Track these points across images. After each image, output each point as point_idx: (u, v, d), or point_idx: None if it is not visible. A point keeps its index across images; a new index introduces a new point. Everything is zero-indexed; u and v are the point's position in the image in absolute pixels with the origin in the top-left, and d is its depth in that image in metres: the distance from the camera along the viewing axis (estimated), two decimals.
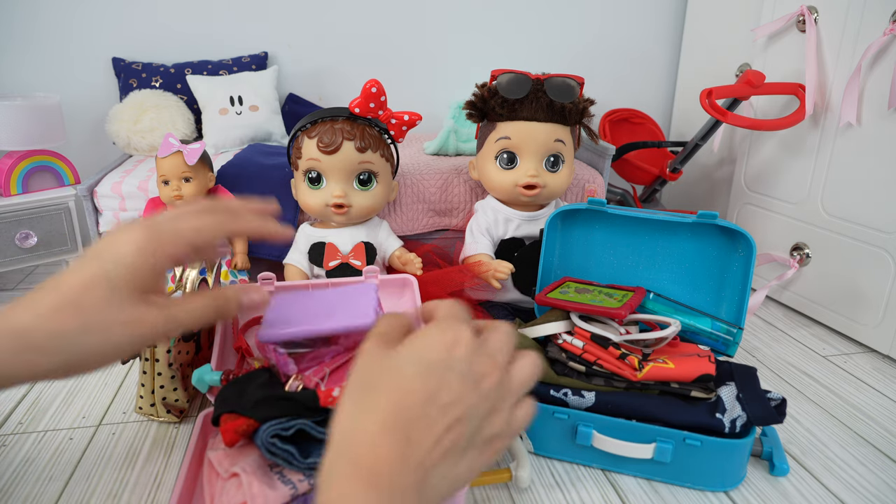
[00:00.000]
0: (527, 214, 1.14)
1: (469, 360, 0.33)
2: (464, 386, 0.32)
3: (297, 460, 0.64)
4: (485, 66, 1.24)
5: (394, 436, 0.30)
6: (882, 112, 1.10)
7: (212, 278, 0.94)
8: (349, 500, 0.29)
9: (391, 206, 1.23)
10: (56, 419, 0.91)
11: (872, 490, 0.78)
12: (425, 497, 0.30)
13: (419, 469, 0.30)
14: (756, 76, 1.22)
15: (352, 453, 0.30)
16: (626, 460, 0.78)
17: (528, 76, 1.06)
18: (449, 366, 0.33)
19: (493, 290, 1.12)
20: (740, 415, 0.77)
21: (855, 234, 1.17)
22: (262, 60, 1.62)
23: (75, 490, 0.77)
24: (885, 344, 1.12)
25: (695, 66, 1.79)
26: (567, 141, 1.10)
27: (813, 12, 1.23)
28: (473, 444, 0.33)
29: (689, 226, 0.96)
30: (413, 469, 0.30)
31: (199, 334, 0.92)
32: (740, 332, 0.88)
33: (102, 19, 1.54)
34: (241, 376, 0.77)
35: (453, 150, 1.40)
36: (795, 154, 1.30)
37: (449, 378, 0.32)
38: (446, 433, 0.31)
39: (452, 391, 0.32)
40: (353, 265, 1.08)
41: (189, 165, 1.06)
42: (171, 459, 0.82)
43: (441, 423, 0.31)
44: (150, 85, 1.48)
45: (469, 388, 0.33)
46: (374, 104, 1.01)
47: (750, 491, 0.77)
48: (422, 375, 0.32)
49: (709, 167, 1.71)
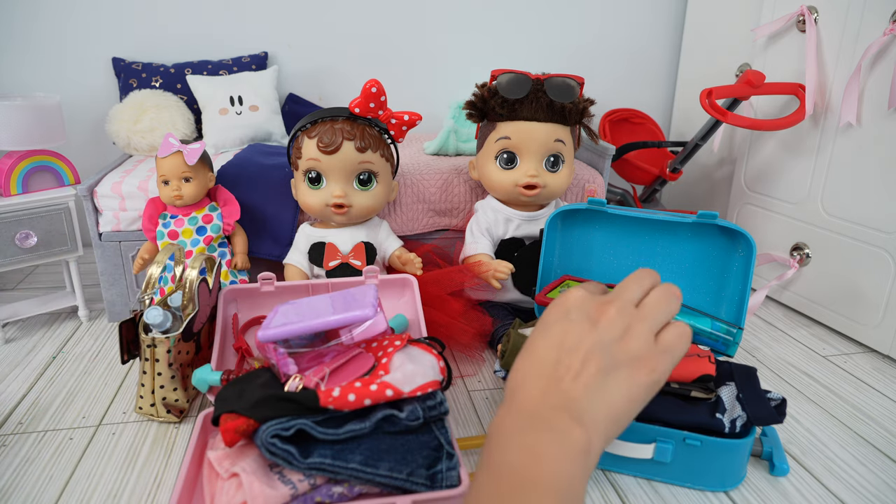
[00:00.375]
0: (527, 214, 1.14)
1: (581, 308, 0.42)
2: (581, 327, 0.40)
3: (297, 460, 0.64)
4: (485, 66, 1.24)
5: (537, 379, 0.39)
6: (882, 112, 1.10)
7: (212, 278, 0.94)
8: (504, 419, 0.39)
9: (391, 206, 1.24)
10: (56, 419, 0.91)
11: (872, 490, 0.78)
12: (582, 417, 0.37)
13: (564, 397, 0.38)
14: (756, 76, 1.22)
15: (510, 391, 0.40)
16: (626, 460, 0.78)
17: (528, 76, 1.06)
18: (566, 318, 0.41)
19: (493, 290, 1.12)
20: (740, 415, 0.77)
21: (855, 234, 1.17)
22: (262, 60, 1.62)
23: (75, 490, 0.77)
24: (885, 344, 1.12)
25: (695, 66, 1.79)
26: (567, 141, 1.10)
27: (813, 12, 1.23)
28: (617, 366, 0.39)
29: (689, 226, 0.96)
30: (556, 399, 0.38)
31: (199, 334, 0.92)
32: (740, 332, 0.88)
33: (102, 19, 1.54)
34: (241, 376, 0.77)
35: (453, 150, 1.40)
36: (795, 154, 1.30)
37: (566, 327, 0.41)
38: (582, 367, 0.39)
39: (573, 334, 0.40)
40: (353, 265, 1.08)
41: (189, 165, 1.06)
42: (171, 459, 0.82)
43: (573, 361, 0.39)
44: (150, 85, 1.48)
45: (587, 328, 0.40)
46: (374, 104, 1.01)
47: (750, 491, 0.77)
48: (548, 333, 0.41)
49: (709, 167, 1.71)
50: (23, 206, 1.10)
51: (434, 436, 0.71)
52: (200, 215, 1.10)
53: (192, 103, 1.49)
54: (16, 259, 1.12)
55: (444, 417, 0.73)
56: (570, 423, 0.37)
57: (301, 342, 0.81)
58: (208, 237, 1.10)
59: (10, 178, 1.12)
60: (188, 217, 1.09)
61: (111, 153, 1.54)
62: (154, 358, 0.86)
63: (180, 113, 1.42)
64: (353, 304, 0.79)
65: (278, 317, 0.79)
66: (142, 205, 1.13)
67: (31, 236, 1.12)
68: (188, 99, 1.49)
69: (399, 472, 0.65)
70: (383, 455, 0.66)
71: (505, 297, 1.16)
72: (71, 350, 1.11)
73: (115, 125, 1.38)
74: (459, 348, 1.06)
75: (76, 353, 1.10)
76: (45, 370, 1.04)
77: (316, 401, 0.68)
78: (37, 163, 1.15)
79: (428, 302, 1.01)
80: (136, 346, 0.89)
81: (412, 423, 0.70)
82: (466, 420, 0.92)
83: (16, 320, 1.20)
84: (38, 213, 1.12)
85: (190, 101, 1.49)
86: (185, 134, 1.40)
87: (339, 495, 0.66)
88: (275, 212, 1.19)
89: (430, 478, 0.67)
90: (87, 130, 1.59)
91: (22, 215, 1.11)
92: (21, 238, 1.11)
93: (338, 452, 0.65)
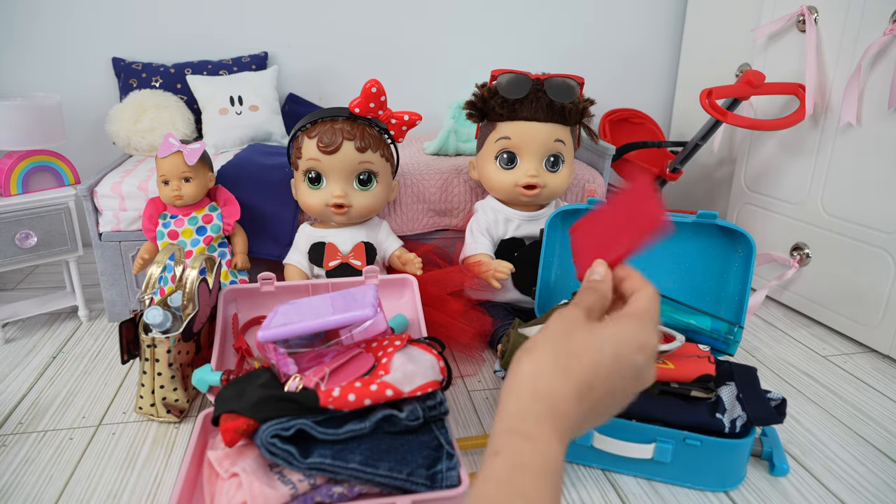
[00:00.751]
0: (527, 214, 1.14)
1: (647, 365, 0.42)
2: (634, 383, 0.41)
3: (297, 460, 0.64)
4: (485, 66, 1.24)
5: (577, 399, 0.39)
6: (882, 112, 1.10)
7: (212, 278, 0.94)
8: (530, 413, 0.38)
9: (391, 206, 1.23)
10: (56, 419, 0.91)
11: (872, 490, 0.78)
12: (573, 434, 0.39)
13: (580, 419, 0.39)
14: (756, 76, 1.22)
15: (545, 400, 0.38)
16: (626, 460, 0.78)
17: (528, 76, 1.06)
18: (632, 364, 0.41)
19: (493, 290, 1.12)
20: (740, 415, 0.77)
21: (855, 234, 1.17)
22: (262, 60, 1.62)
23: (75, 490, 0.77)
24: (885, 344, 1.12)
25: (695, 66, 1.79)
26: (567, 141, 1.10)
27: (813, 12, 1.23)
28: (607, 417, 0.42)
29: (689, 226, 0.96)
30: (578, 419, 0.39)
31: (199, 334, 0.92)
32: (740, 330, 0.88)
33: (102, 19, 1.54)
34: (241, 376, 0.77)
35: (453, 150, 1.40)
36: (795, 154, 1.30)
37: (627, 374, 0.41)
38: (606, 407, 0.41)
39: (625, 381, 0.41)
40: (353, 265, 1.08)
41: (189, 165, 1.06)
42: (171, 459, 0.82)
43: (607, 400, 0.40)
44: (150, 85, 1.48)
45: (635, 384, 0.42)
46: (374, 104, 1.01)
47: (750, 491, 0.77)
48: (613, 364, 0.40)
49: (709, 167, 1.71)
50: (23, 206, 1.11)
51: (434, 436, 0.71)
52: (200, 215, 1.10)
53: (192, 103, 1.49)
54: (16, 259, 1.12)
55: (444, 417, 0.73)
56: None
57: (301, 342, 0.81)
58: (208, 237, 1.10)
59: (10, 178, 1.12)
60: (188, 217, 1.09)
61: (111, 153, 1.54)
62: (154, 358, 0.86)
63: (180, 113, 1.42)
64: (353, 304, 0.79)
65: (278, 317, 0.79)
66: (142, 205, 1.13)
67: (31, 236, 1.12)
68: (188, 99, 1.49)
69: (399, 472, 0.65)
70: (383, 455, 0.66)
71: (505, 297, 1.16)
72: (71, 350, 1.11)
73: (115, 125, 1.38)
74: (459, 348, 1.06)
75: (76, 353, 1.10)
76: (45, 370, 1.04)
77: (316, 401, 0.68)
78: (37, 163, 1.15)
79: (428, 302, 1.01)
80: (136, 346, 0.89)
81: (412, 423, 0.70)
82: (466, 420, 0.92)
83: (16, 320, 1.20)
84: (38, 213, 1.12)
85: (190, 101, 1.49)
86: (185, 134, 1.40)
87: (339, 495, 0.66)
88: (275, 212, 1.19)
89: (430, 478, 0.67)
90: (87, 130, 1.59)
91: (22, 215, 1.11)
92: (21, 238, 1.11)
93: (338, 452, 0.65)
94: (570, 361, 0.40)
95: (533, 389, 0.39)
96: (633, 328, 0.42)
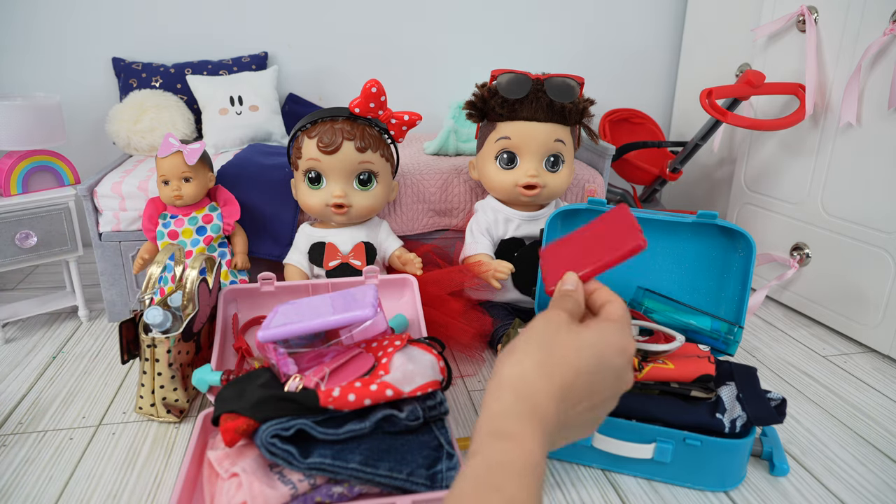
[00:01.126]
0: (527, 214, 1.14)
1: (626, 368, 0.43)
2: (614, 385, 0.42)
3: (297, 460, 0.64)
4: (485, 66, 1.24)
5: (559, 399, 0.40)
6: (882, 112, 1.10)
7: (212, 279, 0.94)
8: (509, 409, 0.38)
9: (391, 206, 1.23)
10: (56, 419, 0.91)
11: (872, 490, 0.78)
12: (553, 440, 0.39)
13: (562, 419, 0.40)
14: (756, 76, 1.22)
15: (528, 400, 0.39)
16: (626, 460, 0.78)
17: (528, 76, 1.06)
18: (613, 366, 0.42)
19: (493, 290, 1.12)
20: (740, 415, 0.77)
21: (855, 234, 1.17)
22: (262, 60, 1.61)
23: (75, 490, 0.77)
24: (885, 344, 1.12)
25: (695, 66, 1.79)
26: (567, 141, 1.10)
27: (813, 12, 1.23)
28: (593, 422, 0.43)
29: (689, 226, 0.96)
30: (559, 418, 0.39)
31: (199, 334, 0.92)
32: (740, 330, 0.88)
33: (102, 19, 1.54)
34: (241, 376, 0.77)
35: (453, 150, 1.40)
36: (795, 154, 1.30)
37: (608, 375, 0.42)
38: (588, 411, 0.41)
39: (606, 385, 0.42)
40: (353, 265, 1.08)
41: (189, 165, 1.06)
42: (171, 459, 0.82)
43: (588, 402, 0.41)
44: (150, 85, 1.48)
45: (613, 387, 0.42)
46: (374, 104, 1.01)
47: (750, 491, 0.77)
48: (595, 365, 0.41)
49: (709, 167, 1.71)
50: (23, 206, 1.10)
51: (434, 436, 0.71)
52: (200, 215, 1.10)
53: (192, 103, 1.49)
54: (16, 259, 1.12)
55: (444, 417, 0.73)
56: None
57: (301, 342, 0.81)
58: (208, 237, 1.10)
59: (10, 178, 1.12)
60: (188, 217, 1.09)
61: (111, 153, 1.54)
62: (154, 358, 0.86)
63: (180, 113, 1.42)
64: (353, 304, 0.79)
65: (278, 317, 0.79)
66: (142, 205, 1.13)
67: (31, 236, 1.12)
68: (188, 99, 1.49)
69: (399, 472, 0.65)
70: (383, 455, 0.66)
71: (505, 297, 1.16)
72: (71, 350, 1.11)
73: (115, 125, 1.38)
74: (459, 348, 1.06)
75: (76, 353, 1.10)
76: (45, 370, 1.04)
77: (316, 401, 0.68)
78: (37, 163, 1.15)
79: (428, 302, 1.01)
80: (136, 346, 0.89)
81: (412, 423, 0.70)
82: (466, 420, 0.92)
83: (16, 320, 1.20)
84: (38, 213, 1.12)
85: (190, 101, 1.49)
86: (185, 134, 1.40)
87: (339, 495, 0.66)
88: (275, 212, 1.19)
89: (430, 478, 0.67)
90: (87, 130, 1.59)
91: (22, 215, 1.11)
92: (21, 238, 1.11)
93: (338, 452, 0.65)
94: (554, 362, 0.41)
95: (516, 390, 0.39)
96: (614, 331, 0.43)
